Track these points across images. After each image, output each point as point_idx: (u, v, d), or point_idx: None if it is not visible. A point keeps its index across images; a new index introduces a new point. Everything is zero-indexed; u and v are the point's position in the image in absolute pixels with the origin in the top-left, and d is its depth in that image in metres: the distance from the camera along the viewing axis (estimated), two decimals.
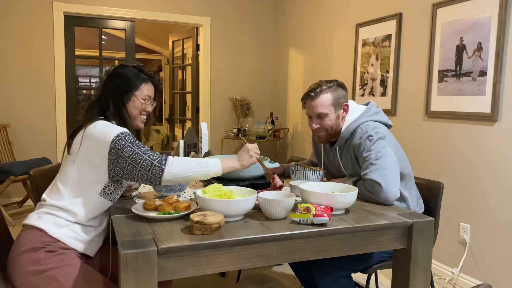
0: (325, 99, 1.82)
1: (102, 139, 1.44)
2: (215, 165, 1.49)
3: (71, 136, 1.55)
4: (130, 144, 1.43)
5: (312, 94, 1.84)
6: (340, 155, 1.90)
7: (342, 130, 1.85)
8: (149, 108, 1.66)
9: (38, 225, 1.42)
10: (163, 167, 1.41)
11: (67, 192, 1.47)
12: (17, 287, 1.37)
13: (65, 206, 1.45)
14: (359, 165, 1.80)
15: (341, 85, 1.87)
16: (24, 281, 1.35)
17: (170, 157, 1.45)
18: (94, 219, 1.51)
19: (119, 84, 1.59)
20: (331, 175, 2.03)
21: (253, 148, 1.58)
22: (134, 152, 1.42)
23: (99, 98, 1.61)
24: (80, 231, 1.47)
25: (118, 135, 1.44)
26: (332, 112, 1.84)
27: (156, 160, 1.42)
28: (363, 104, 1.93)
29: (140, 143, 1.47)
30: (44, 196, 1.51)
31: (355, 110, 1.88)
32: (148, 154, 1.43)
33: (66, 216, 1.45)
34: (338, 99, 1.84)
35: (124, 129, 1.48)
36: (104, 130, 1.45)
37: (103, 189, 1.49)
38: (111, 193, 1.51)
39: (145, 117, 1.67)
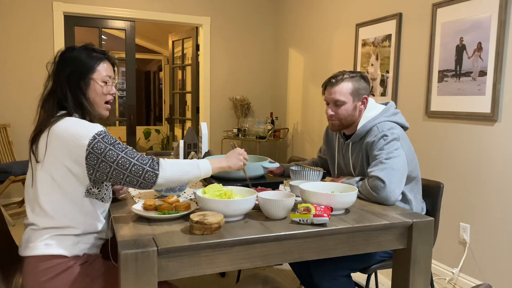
0: (344, 87, 1.83)
1: (75, 143, 1.29)
2: (205, 166, 1.46)
3: (32, 141, 1.35)
4: (111, 147, 1.30)
5: (333, 80, 1.85)
6: (352, 152, 1.90)
7: (358, 127, 1.85)
8: (113, 90, 1.48)
9: (52, 252, 1.34)
10: (157, 172, 1.33)
11: (52, 208, 1.34)
12: None
13: (61, 224, 1.36)
14: (368, 164, 1.79)
15: (364, 77, 1.87)
16: None
17: (161, 161, 1.37)
18: (92, 221, 1.43)
19: (71, 69, 1.40)
20: (340, 170, 2.03)
21: (242, 152, 1.58)
22: (119, 156, 1.30)
23: (51, 90, 1.43)
24: (88, 239, 1.43)
25: (94, 137, 1.29)
26: (350, 102, 1.84)
27: (148, 165, 1.32)
28: (382, 104, 1.93)
29: (120, 142, 1.34)
30: (30, 219, 1.37)
31: (374, 109, 1.87)
32: (136, 158, 1.32)
33: (69, 232, 1.37)
34: (358, 90, 1.84)
35: (99, 128, 1.33)
36: (75, 132, 1.30)
37: (87, 191, 1.37)
38: (97, 193, 1.40)
39: (110, 102, 1.50)
